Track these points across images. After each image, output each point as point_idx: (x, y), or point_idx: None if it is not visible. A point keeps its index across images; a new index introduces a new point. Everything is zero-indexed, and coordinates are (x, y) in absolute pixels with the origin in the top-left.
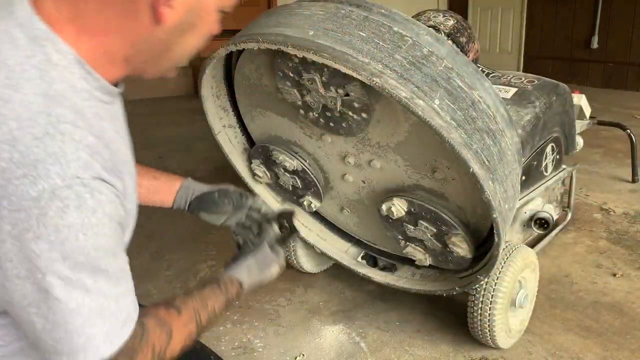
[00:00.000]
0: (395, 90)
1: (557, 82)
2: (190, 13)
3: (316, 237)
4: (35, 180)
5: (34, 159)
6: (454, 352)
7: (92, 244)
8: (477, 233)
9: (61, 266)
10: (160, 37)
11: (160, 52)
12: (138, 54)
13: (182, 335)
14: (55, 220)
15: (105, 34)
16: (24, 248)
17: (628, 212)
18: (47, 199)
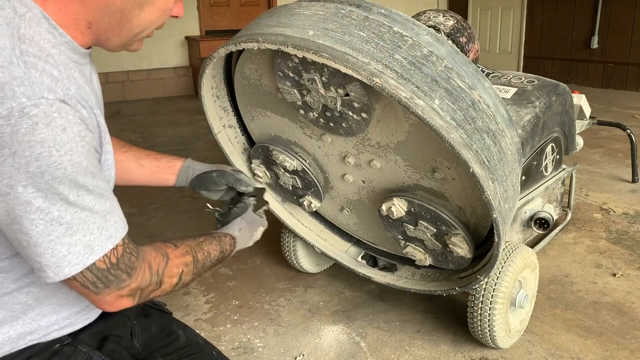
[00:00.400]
0: (395, 90)
1: (557, 82)
2: None
3: (316, 237)
4: (2, 100)
5: (1, 82)
6: (454, 352)
7: (67, 159)
8: (477, 233)
9: (39, 180)
10: (118, 6)
11: (120, 21)
12: (99, 21)
13: (179, 261)
14: (28, 137)
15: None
16: (1, 164)
17: (628, 212)
18: (17, 117)
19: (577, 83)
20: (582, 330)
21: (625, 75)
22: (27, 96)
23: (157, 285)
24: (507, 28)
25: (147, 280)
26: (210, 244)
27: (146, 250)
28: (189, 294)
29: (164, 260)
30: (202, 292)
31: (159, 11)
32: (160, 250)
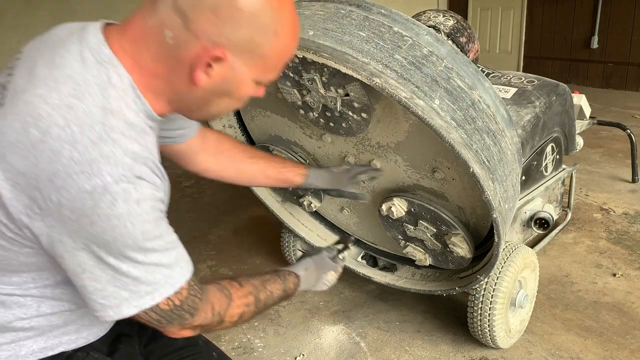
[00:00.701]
0: (395, 90)
1: (557, 82)
2: (225, 82)
3: (316, 238)
4: (90, 176)
5: (90, 159)
6: (454, 352)
7: (139, 230)
8: (477, 233)
9: (112, 246)
10: (198, 95)
11: (199, 106)
12: (179, 101)
13: (241, 302)
14: (107, 211)
15: (155, 76)
16: (82, 230)
17: (628, 212)
18: (100, 193)
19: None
20: (582, 330)
21: (625, 75)
22: (111, 175)
23: (218, 324)
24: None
25: (209, 319)
26: (274, 284)
27: (210, 291)
28: None
29: (227, 302)
30: None
31: (238, 100)
32: (224, 290)
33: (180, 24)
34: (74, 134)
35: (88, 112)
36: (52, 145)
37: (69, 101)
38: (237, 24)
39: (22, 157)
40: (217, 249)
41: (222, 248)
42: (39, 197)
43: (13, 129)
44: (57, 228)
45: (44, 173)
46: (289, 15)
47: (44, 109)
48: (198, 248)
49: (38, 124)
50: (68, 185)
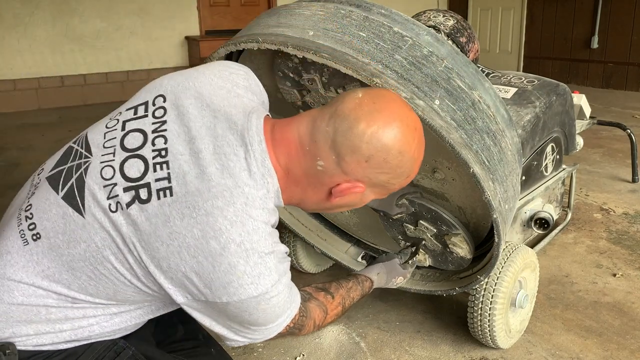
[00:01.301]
0: (395, 90)
1: (557, 82)
2: (354, 202)
3: (316, 237)
4: (257, 286)
5: (259, 273)
6: (454, 352)
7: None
8: (477, 233)
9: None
10: (327, 206)
11: (322, 209)
12: (309, 206)
13: (333, 313)
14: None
15: (296, 184)
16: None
17: (628, 212)
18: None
19: (577, 83)
20: (582, 330)
21: (625, 75)
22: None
23: (315, 330)
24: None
25: (311, 331)
26: (355, 291)
27: (312, 310)
28: None
29: (324, 315)
30: None
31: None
32: (322, 306)
33: (334, 160)
34: (247, 251)
35: (257, 229)
36: (230, 260)
37: (242, 219)
38: (382, 171)
39: (199, 261)
40: None
41: None
42: (208, 294)
43: (192, 234)
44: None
45: (219, 280)
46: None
47: (222, 223)
48: None
49: (218, 237)
50: (239, 293)
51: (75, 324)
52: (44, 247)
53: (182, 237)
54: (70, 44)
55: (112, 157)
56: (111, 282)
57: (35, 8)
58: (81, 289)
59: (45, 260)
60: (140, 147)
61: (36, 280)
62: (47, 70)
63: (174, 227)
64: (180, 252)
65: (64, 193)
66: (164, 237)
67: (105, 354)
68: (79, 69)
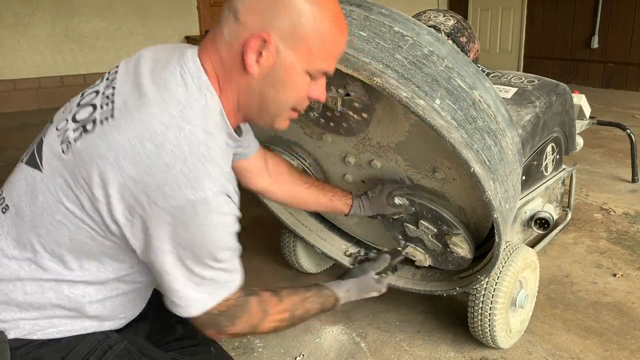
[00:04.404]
0: (396, 90)
1: (557, 82)
2: (275, 69)
3: (316, 237)
4: (195, 189)
5: (197, 175)
6: (454, 352)
7: (221, 238)
8: (477, 233)
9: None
10: (255, 88)
11: (259, 102)
12: (243, 104)
13: (276, 318)
14: (202, 219)
15: (226, 87)
16: (175, 234)
17: (628, 212)
18: (200, 203)
19: (577, 83)
20: (583, 330)
21: (625, 75)
22: (212, 190)
23: (250, 334)
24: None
25: (244, 330)
26: (313, 303)
27: (251, 303)
28: None
29: (262, 316)
30: None
31: (292, 93)
32: (262, 305)
33: (232, 19)
34: (184, 152)
35: (195, 133)
36: (166, 159)
37: (179, 123)
38: (277, 9)
39: (136, 165)
40: None
41: None
42: (144, 201)
43: (129, 140)
44: (153, 229)
45: (155, 181)
46: (328, 3)
47: (158, 127)
48: None
49: (154, 139)
50: (176, 194)
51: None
52: (11, 215)
53: (119, 146)
54: (70, 44)
55: (67, 114)
56: (66, 227)
57: (35, 8)
58: (45, 249)
59: (14, 228)
60: (93, 99)
61: (8, 250)
62: (47, 70)
63: (111, 139)
64: (118, 161)
65: (27, 158)
66: (103, 151)
67: (98, 346)
68: (79, 69)
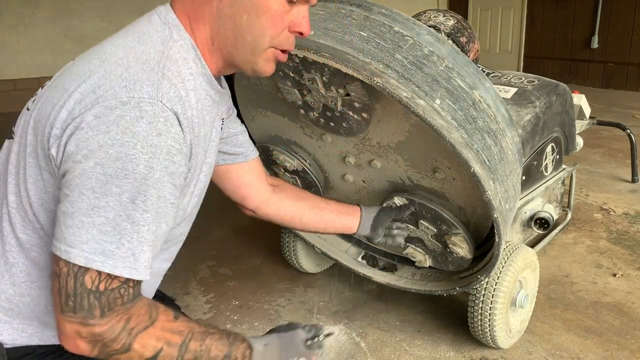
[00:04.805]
0: (396, 90)
1: (557, 82)
2: None
3: (316, 237)
4: (130, 90)
5: (137, 79)
6: (454, 352)
7: (145, 160)
8: (477, 233)
9: (112, 164)
10: (225, 12)
11: (233, 29)
12: (218, 34)
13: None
14: (127, 125)
15: (197, 21)
16: (92, 137)
17: (628, 212)
18: (131, 106)
19: (577, 83)
20: (582, 330)
21: (625, 75)
22: (149, 95)
23: (123, 347)
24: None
25: (116, 333)
26: (217, 343)
27: (139, 304)
28: (188, 294)
29: (146, 323)
30: (202, 292)
31: (267, 18)
32: (152, 310)
33: None
34: (129, 61)
35: (146, 52)
36: (107, 67)
37: (132, 43)
38: None
39: (77, 80)
40: (217, 249)
41: (222, 248)
42: (76, 109)
43: (78, 67)
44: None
45: (91, 87)
46: None
47: (109, 48)
48: (198, 248)
49: (100, 56)
50: (107, 94)
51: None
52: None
53: (69, 72)
54: (70, 44)
55: None
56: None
57: (36, 8)
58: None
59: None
60: None
61: None
62: (47, 70)
63: (65, 71)
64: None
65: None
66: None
67: None
68: None
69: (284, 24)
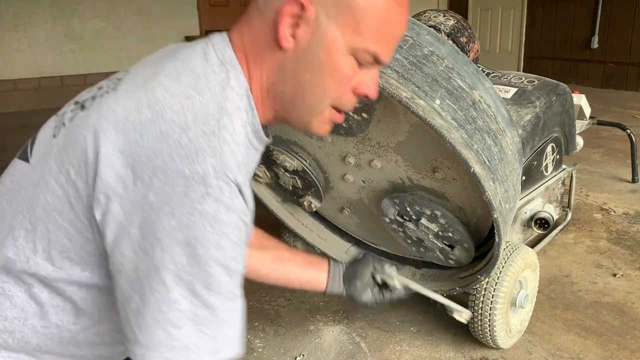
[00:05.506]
0: (396, 90)
1: (557, 82)
2: (313, 45)
3: (316, 238)
4: (193, 163)
5: (198, 147)
6: (454, 352)
7: (215, 240)
8: (477, 233)
9: (180, 251)
10: (289, 68)
11: (292, 88)
12: (275, 88)
13: None
14: (194, 204)
15: (255, 64)
16: (157, 220)
17: (628, 212)
18: (196, 182)
19: (577, 83)
20: (583, 330)
21: (625, 75)
22: (214, 168)
23: None
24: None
25: None
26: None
27: None
28: None
29: None
30: None
31: (333, 79)
32: None
33: None
34: (187, 120)
35: (205, 105)
36: (163, 127)
37: (188, 91)
38: None
39: (126, 135)
40: None
41: None
42: (128, 177)
43: (125, 107)
44: (132, 215)
45: (144, 152)
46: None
47: (162, 94)
48: None
49: (153, 106)
50: (167, 166)
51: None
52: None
53: (111, 114)
54: (70, 44)
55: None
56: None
57: (35, 8)
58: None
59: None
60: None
61: None
62: (47, 70)
63: (105, 108)
64: (106, 130)
65: (20, 152)
66: (91, 121)
67: None
68: (79, 69)
69: (350, 86)
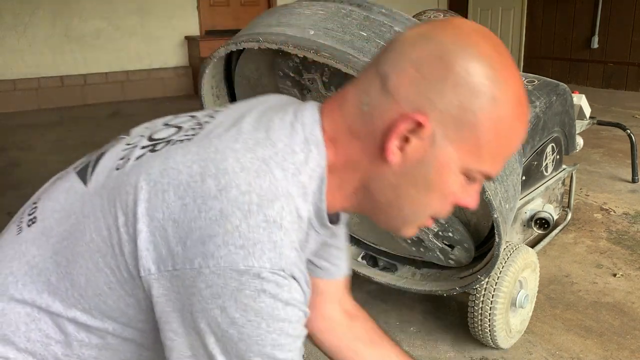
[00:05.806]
0: None
1: (557, 82)
2: (423, 163)
3: None
4: (249, 256)
5: (257, 239)
6: (454, 352)
7: (271, 339)
8: (477, 233)
9: (232, 345)
10: (390, 180)
11: (390, 201)
12: (367, 195)
13: None
14: (248, 300)
15: (345, 162)
16: (207, 312)
17: (628, 212)
18: (250, 277)
19: (577, 83)
20: (583, 330)
21: (625, 75)
22: (271, 262)
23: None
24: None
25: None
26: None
27: None
28: None
29: None
30: None
31: (438, 196)
32: None
33: (379, 86)
34: (251, 202)
35: (273, 187)
36: (224, 207)
37: (260, 168)
38: (444, 84)
39: (184, 203)
40: None
41: None
42: (179, 255)
43: (190, 170)
44: (180, 298)
45: (199, 230)
46: (514, 82)
47: (232, 165)
48: None
49: (219, 178)
50: (220, 255)
51: None
52: (36, 231)
53: (175, 173)
54: (70, 44)
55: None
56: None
57: (36, 8)
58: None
59: (33, 247)
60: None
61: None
62: (47, 70)
63: (170, 162)
64: (166, 192)
65: (81, 167)
66: (154, 174)
67: None
68: (79, 69)
69: (453, 201)
